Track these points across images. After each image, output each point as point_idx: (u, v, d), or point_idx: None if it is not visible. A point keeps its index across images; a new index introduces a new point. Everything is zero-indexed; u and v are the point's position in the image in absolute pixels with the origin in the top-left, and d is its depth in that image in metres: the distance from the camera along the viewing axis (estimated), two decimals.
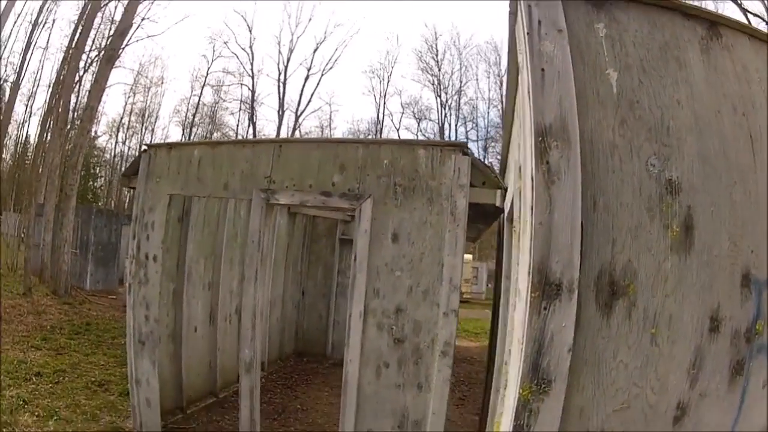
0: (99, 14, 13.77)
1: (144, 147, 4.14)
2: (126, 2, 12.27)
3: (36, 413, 4.36)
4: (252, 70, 30.80)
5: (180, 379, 5.01)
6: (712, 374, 1.65)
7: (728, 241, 1.55)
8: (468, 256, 19.86)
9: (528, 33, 1.41)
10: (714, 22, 1.76)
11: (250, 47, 30.58)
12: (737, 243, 1.58)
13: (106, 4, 14.55)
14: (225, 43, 30.79)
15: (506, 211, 2.77)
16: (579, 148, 1.31)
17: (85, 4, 12.19)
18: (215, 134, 30.57)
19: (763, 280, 1.75)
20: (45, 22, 21.32)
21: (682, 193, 1.43)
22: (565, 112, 1.32)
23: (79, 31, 11.92)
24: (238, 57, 31.14)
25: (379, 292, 3.15)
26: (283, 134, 29.34)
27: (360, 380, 3.15)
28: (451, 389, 3.13)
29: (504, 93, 2.76)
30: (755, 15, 10.60)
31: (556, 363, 1.31)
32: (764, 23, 10.96)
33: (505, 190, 3.00)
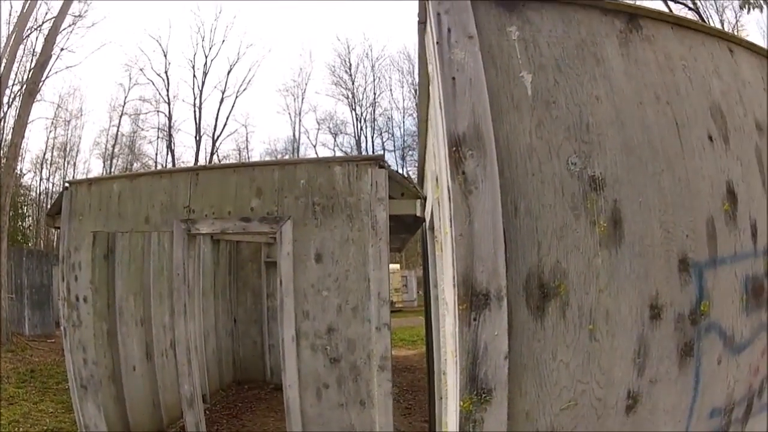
0: (21, 46, 13.36)
1: (66, 184, 4.06)
2: (46, 32, 11.91)
3: None
4: (168, 96, 30.21)
5: (127, 421, 4.91)
6: (660, 360, 1.64)
7: (660, 229, 1.53)
8: (395, 266, 20.05)
9: (438, 42, 1.38)
10: (633, 15, 1.75)
11: (166, 73, 30.00)
12: (670, 230, 1.56)
13: (28, 35, 14.12)
14: (141, 69, 30.12)
15: (427, 219, 2.75)
16: (495, 154, 1.28)
17: (8, 37, 11.81)
18: (135, 165, 30.03)
19: (703, 261, 1.74)
20: None
21: (606, 188, 1.41)
22: (478, 119, 1.29)
23: (2, 64, 11.52)
24: (153, 83, 30.21)
25: (308, 314, 3.14)
26: (201, 160, 29.19)
27: (302, 404, 3.12)
28: (396, 399, 3.13)
29: (418, 101, 2.77)
30: (680, 2, 10.62)
31: (493, 371, 1.28)
32: (688, 10, 11.03)
33: (425, 199, 2.98)
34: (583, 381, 1.45)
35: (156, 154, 30.80)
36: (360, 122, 31.62)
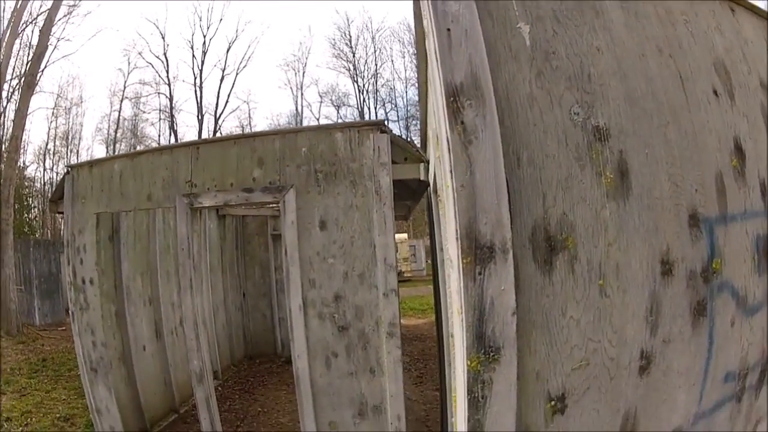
0: (17, 40, 13.40)
1: (66, 168, 4.04)
2: (41, 24, 11.94)
3: None
4: (168, 77, 30.26)
5: (138, 401, 4.91)
6: (673, 319, 1.59)
7: (668, 182, 1.48)
8: (403, 236, 19.81)
9: None
10: None
11: (164, 55, 30.00)
12: (678, 183, 1.51)
13: (24, 29, 14.16)
14: (139, 53, 30.43)
15: (431, 183, 2.69)
16: (495, 104, 1.23)
17: (3, 32, 11.84)
18: (138, 147, 29.73)
19: (713, 217, 1.68)
20: None
21: (611, 138, 1.36)
22: (476, 69, 1.24)
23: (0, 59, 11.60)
24: (153, 66, 30.31)
25: (315, 282, 3.08)
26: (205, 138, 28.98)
27: (312, 374, 3.07)
28: (407, 368, 3.09)
29: (417, 64, 2.72)
30: None
31: (501, 328, 1.24)
32: None
33: (428, 162, 2.92)
34: (594, 339, 1.40)
35: (159, 136, 30.86)
36: (362, 94, 31.65)
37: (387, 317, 2.96)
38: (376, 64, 32.06)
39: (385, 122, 3.10)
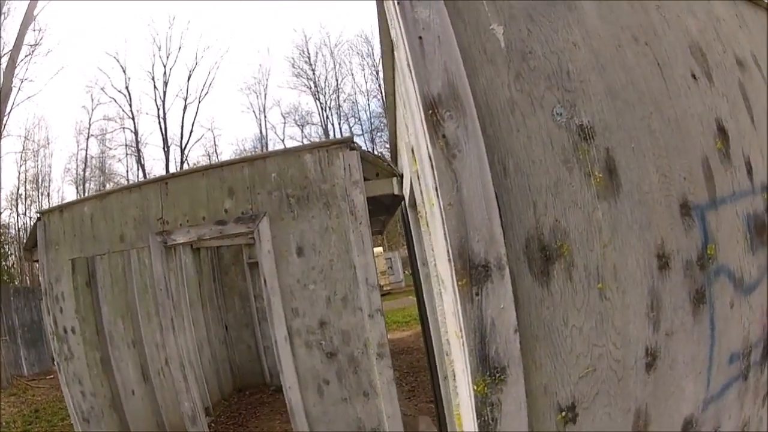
0: None
1: (37, 215, 3.90)
2: (4, 66, 11.56)
3: None
4: (131, 111, 30.03)
5: None
6: (674, 311, 1.56)
7: (657, 173, 1.44)
8: (379, 249, 19.86)
9: (399, 2, 1.26)
10: None
11: (126, 88, 29.81)
12: (666, 174, 1.48)
13: None
14: (102, 89, 29.89)
15: (407, 197, 2.64)
16: (475, 112, 1.17)
17: None
18: (107, 185, 29.56)
19: (703, 203, 1.66)
20: None
21: (596, 136, 1.31)
22: (452, 77, 1.18)
23: None
24: (116, 101, 30.06)
25: (297, 311, 3.02)
26: (172, 170, 28.97)
27: (305, 404, 3.00)
28: (398, 384, 3.03)
29: (382, 80, 2.68)
30: None
31: (504, 348, 1.18)
32: None
33: (401, 176, 2.88)
34: (599, 344, 1.36)
35: (127, 171, 30.54)
36: (325, 111, 31.65)
37: (375, 338, 2.92)
38: (336, 80, 32.30)
39: (353, 138, 3.04)
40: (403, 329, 11.61)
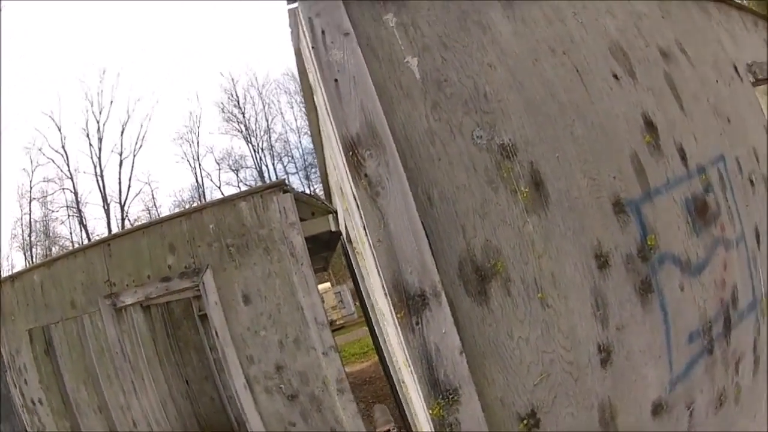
0: None
1: None
2: None
3: None
4: (69, 171, 29.81)
5: None
6: (621, 305, 1.62)
7: (585, 178, 1.50)
8: (326, 285, 20.21)
9: (313, 47, 1.30)
10: None
11: (63, 148, 29.60)
12: (595, 177, 1.54)
13: None
14: (39, 149, 29.41)
15: (344, 232, 2.74)
16: (395, 148, 1.21)
17: None
18: (53, 249, 29.33)
19: (637, 197, 1.73)
20: None
21: (519, 152, 1.37)
22: (370, 116, 1.22)
23: None
24: (54, 161, 29.76)
25: (253, 358, 3.09)
26: (114, 228, 28.91)
27: None
28: (365, 414, 3.09)
29: (308, 118, 2.81)
30: None
31: (453, 370, 1.22)
32: None
33: (336, 212, 2.98)
34: (548, 350, 1.40)
35: (71, 234, 30.18)
36: (258, 153, 32.25)
37: (333, 375, 3.02)
38: (267, 120, 32.80)
39: (286, 181, 3.13)
40: (362, 360, 11.78)
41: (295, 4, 1.42)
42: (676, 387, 1.88)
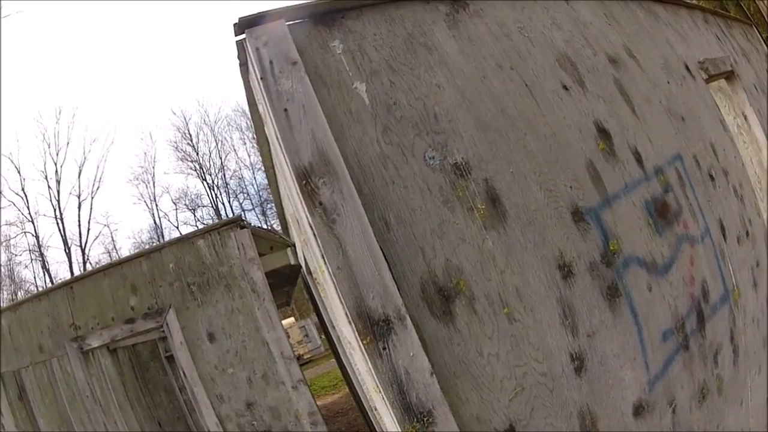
0: None
1: None
2: None
3: None
4: (30, 214, 30.12)
5: None
6: (590, 312, 1.71)
7: (541, 190, 1.60)
8: (290, 320, 20.87)
9: (262, 77, 1.36)
10: None
11: (23, 190, 29.86)
12: (551, 188, 1.64)
13: None
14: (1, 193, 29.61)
15: (303, 264, 2.85)
16: (348, 174, 1.27)
17: None
18: (19, 294, 29.61)
19: (596, 204, 1.85)
20: None
21: (473, 170, 1.45)
22: (321, 144, 1.28)
23: None
24: (15, 204, 29.99)
25: (222, 397, 3.18)
26: (76, 272, 29.36)
27: None
28: None
29: (260, 151, 3.02)
30: None
31: (425, 392, 1.26)
32: None
33: (294, 245, 3.12)
34: (520, 364, 1.47)
35: (34, 278, 30.29)
36: (213, 190, 33.22)
37: (304, 408, 3.11)
38: (220, 158, 33.95)
39: (242, 216, 3.26)
40: (333, 393, 11.97)
41: (243, 36, 1.49)
42: (655, 386, 1.97)
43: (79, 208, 30.30)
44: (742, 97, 3.83)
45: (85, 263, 29.70)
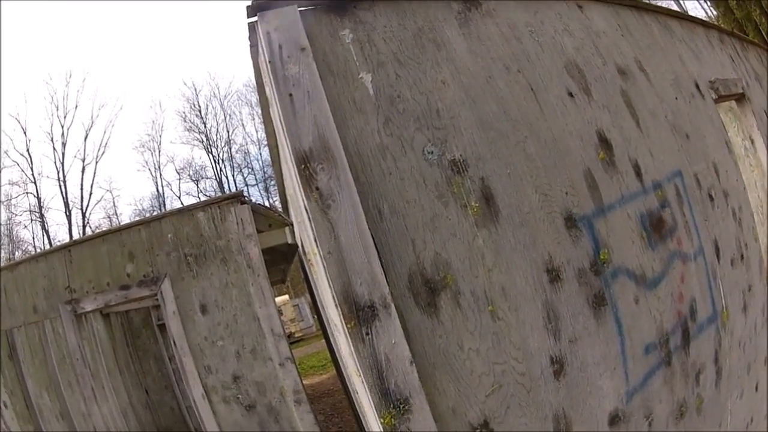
0: None
1: None
2: None
3: None
4: (33, 175, 30.42)
5: None
6: (574, 318, 1.77)
7: (536, 194, 1.66)
8: (284, 298, 21.17)
9: (270, 61, 1.41)
10: None
11: (27, 151, 30.15)
12: (547, 193, 1.70)
13: None
14: (6, 152, 29.82)
15: (300, 244, 2.92)
16: (347, 162, 1.32)
17: None
18: (16, 254, 29.93)
19: (590, 212, 1.90)
20: None
21: (470, 168, 1.51)
22: (322, 130, 1.33)
23: None
24: (18, 165, 30.30)
25: (210, 368, 3.27)
26: (75, 235, 29.67)
27: None
28: (324, 426, 3.29)
29: (265, 132, 3.12)
30: None
31: (403, 379, 1.32)
32: None
33: (293, 225, 3.21)
34: (499, 362, 1.53)
35: (33, 238, 30.65)
36: (218, 163, 33.50)
37: (289, 386, 3.20)
38: (228, 131, 34.16)
39: (244, 192, 3.33)
40: (321, 373, 12.22)
41: (255, 18, 1.54)
42: (633, 398, 2.04)
43: (83, 171, 30.56)
44: (751, 120, 3.88)
45: (84, 227, 29.97)
